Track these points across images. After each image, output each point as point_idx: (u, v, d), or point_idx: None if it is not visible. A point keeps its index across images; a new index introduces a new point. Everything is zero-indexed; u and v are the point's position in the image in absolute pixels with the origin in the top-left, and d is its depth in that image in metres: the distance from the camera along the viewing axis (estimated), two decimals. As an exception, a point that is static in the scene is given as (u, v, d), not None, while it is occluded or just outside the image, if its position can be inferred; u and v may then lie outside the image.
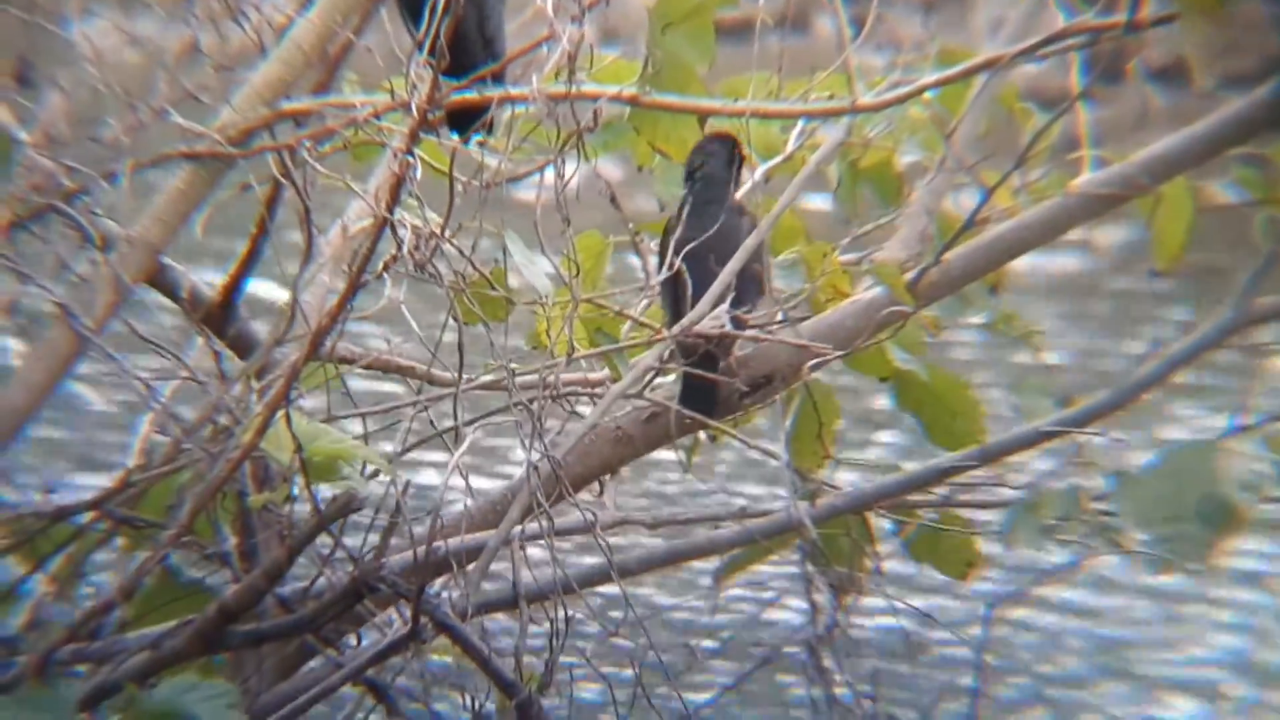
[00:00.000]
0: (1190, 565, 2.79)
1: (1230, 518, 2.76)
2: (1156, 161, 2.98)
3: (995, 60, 2.88)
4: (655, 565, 2.92)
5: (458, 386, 2.72)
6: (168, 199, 2.61)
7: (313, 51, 2.65)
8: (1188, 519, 2.76)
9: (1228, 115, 2.94)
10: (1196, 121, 2.96)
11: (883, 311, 2.93)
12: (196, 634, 2.58)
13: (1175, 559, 2.78)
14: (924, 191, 3.08)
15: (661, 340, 2.81)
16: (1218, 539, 2.77)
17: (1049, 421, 2.98)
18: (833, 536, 2.99)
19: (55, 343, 2.55)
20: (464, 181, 2.66)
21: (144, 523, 2.67)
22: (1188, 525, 2.76)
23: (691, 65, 2.88)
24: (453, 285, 2.65)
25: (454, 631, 2.66)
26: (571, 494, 2.77)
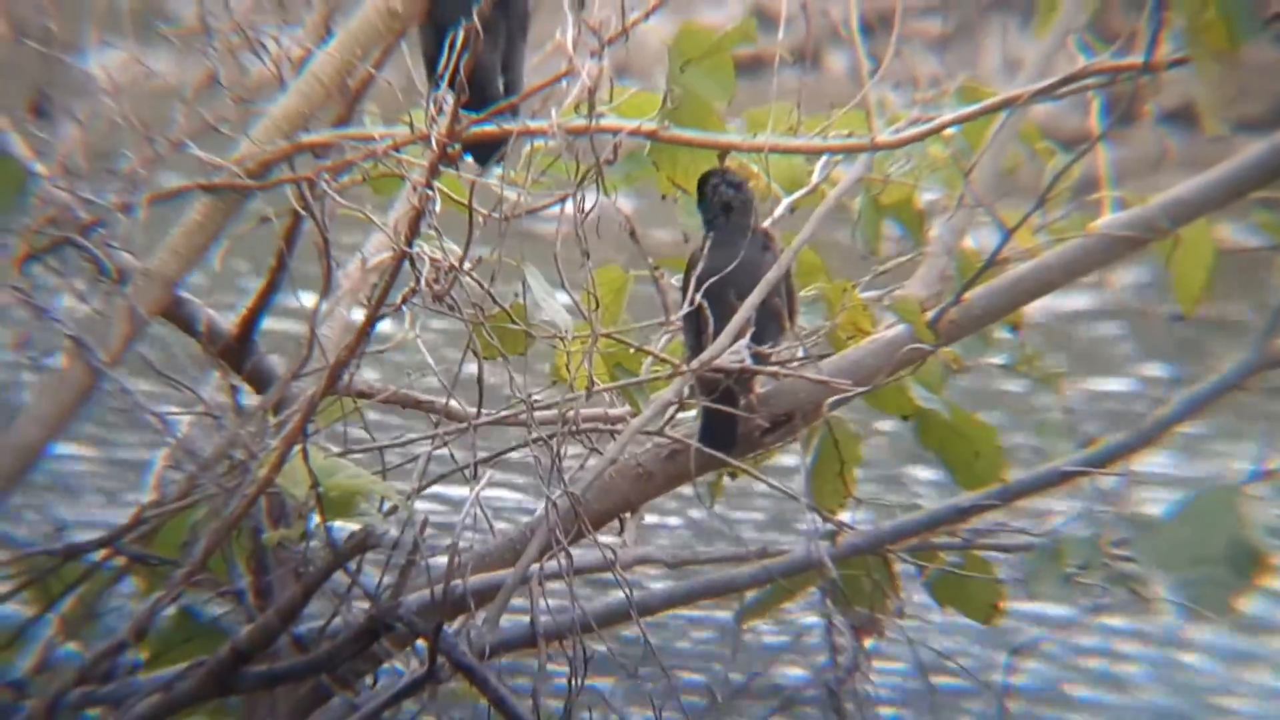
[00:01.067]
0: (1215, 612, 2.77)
1: (1256, 563, 2.75)
2: (1176, 204, 2.98)
3: (1014, 99, 2.89)
4: (676, 604, 2.89)
5: (474, 421, 2.70)
6: (184, 231, 2.60)
7: (332, 84, 2.65)
8: (1212, 564, 2.74)
9: (1248, 159, 2.93)
10: (1212, 165, 2.97)
11: (904, 349, 2.92)
12: (209, 675, 2.55)
13: (1199, 606, 2.75)
14: (944, 230, 3.08)
15: (681, 374, 2.80)
16: (1243, 585, 2.75)
17: (1070, 462, 2.97)
18: (854, 577, 2.96)
19: (69, 376, 2.53)
20: (484, 214, 2.66)
21: (157, 560, 2.64)
22: (1212, 570, 2.74)
23: (710, 101, 2.89)
24: (472, 318, 2.64)
25: (472, 672, 2.62)
26: (591, 531, 2.75)
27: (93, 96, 2.58)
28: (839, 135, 2.95)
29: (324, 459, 2.61)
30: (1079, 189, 3.11)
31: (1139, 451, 3.00)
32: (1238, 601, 2.74)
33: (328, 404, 2.65)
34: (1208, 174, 2.96)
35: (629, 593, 2.73)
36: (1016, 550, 2.99)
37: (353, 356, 2.58)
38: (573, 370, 2.76)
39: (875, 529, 2.95)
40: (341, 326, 2.84)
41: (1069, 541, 2.84)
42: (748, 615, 2.98)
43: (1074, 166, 3.01)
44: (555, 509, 2.68)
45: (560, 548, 2.67)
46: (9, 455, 2.51)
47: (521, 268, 2.71)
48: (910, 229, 3.12)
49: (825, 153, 3.02)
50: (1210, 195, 2.97)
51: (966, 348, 3.07)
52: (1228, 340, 2.76)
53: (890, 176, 3.08)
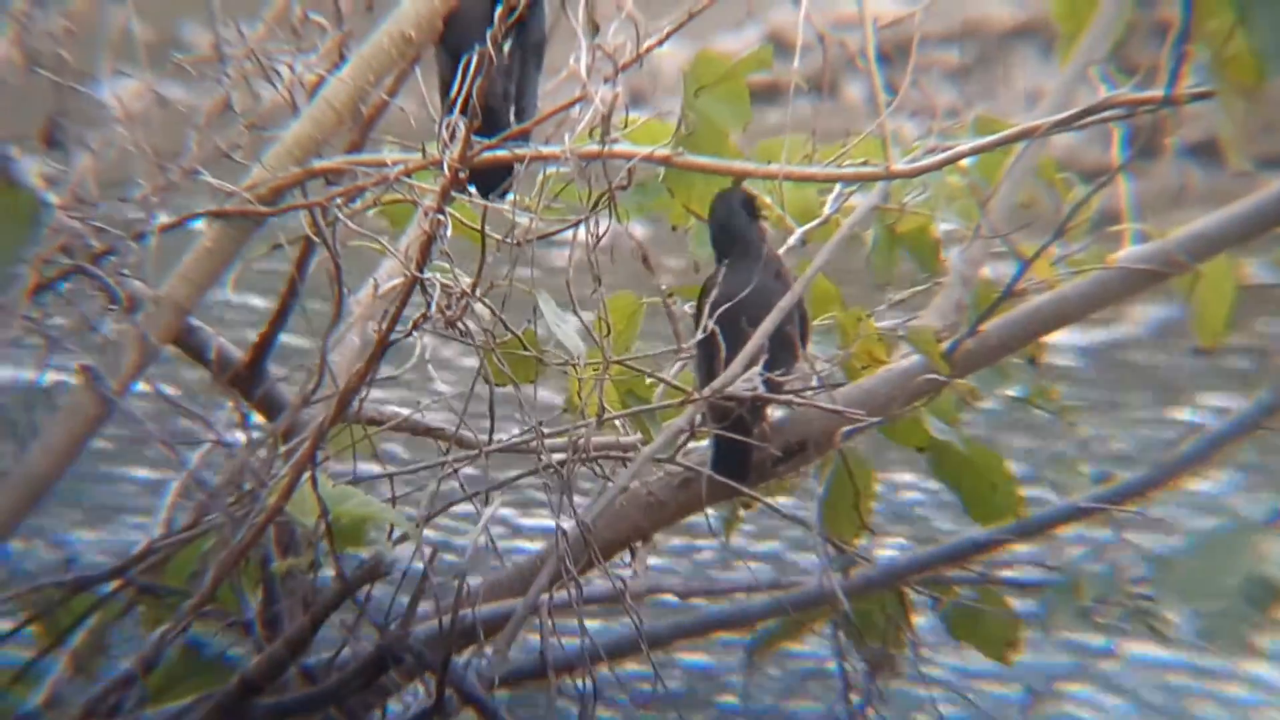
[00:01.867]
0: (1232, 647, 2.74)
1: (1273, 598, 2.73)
2: (1197, 239, 2.97)
3: (1033, 130, 2.87)
4: (686, 635, 2.88)
5: (485, 448, 2.70)
6: (196, 258, 2.60)
7: (345, 110, 2.66)
8: (1229, 598, 2.73)
9: (1272, 194, 2.91)
10: (1234, 199, 2.95)
11: (918, 380, 2.91)
12: (217, 709, 2.54)
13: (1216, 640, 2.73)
14: (959, 260, 3.07)
15: (693, 402, 2.80)
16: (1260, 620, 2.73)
17: (1087, 498, 2.96)
18: (868, 611, 2.95)
19: (79, 406, 2.53)
20: (496, 240, 2.66)
21: (166, 591, 2.64)
22: (1230, 604, 2.72)
23: (725, 128, 2.89)
24: (483, 345, 2.63)
25: (480, 704, 2.62)
26: (601, 561, 2.74)
27: (105, 125, 2.59)
28: (854, 164, 2.95)
29: (333, 487, 2.61)
30: (1099, 222, 3.09)
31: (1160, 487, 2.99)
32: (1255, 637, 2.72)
33: (338, 431, 2.65)
34: (1230, 208, 2.94)
35: (639, 623, 2.71)
36: (1033, 586, 2.97)
37: (363, 383, 2.58)
38: (584, 397, 2.75)
39: (890, 561, 2.94)
40: (353, 353, 2.85)
41: (1087, 576, 2.83)
42: (759, 648, 2.97)
43: (1093, 198, 3.00)
44: (565, 537, 2.67)
45: (570, 577, 2.67)
46: (19, 486, 2.51)
47: (533, 294, 2.71)
48: (925, 259, 3.11)
49: (840, 181, 3.02)
50: (1232, 230, 2.95)
51: (983, 379, 3.05)
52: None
53: (906, 206, 3.07)
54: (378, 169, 2.64)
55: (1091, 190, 2.98)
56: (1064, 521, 3.00)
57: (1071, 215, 2.98)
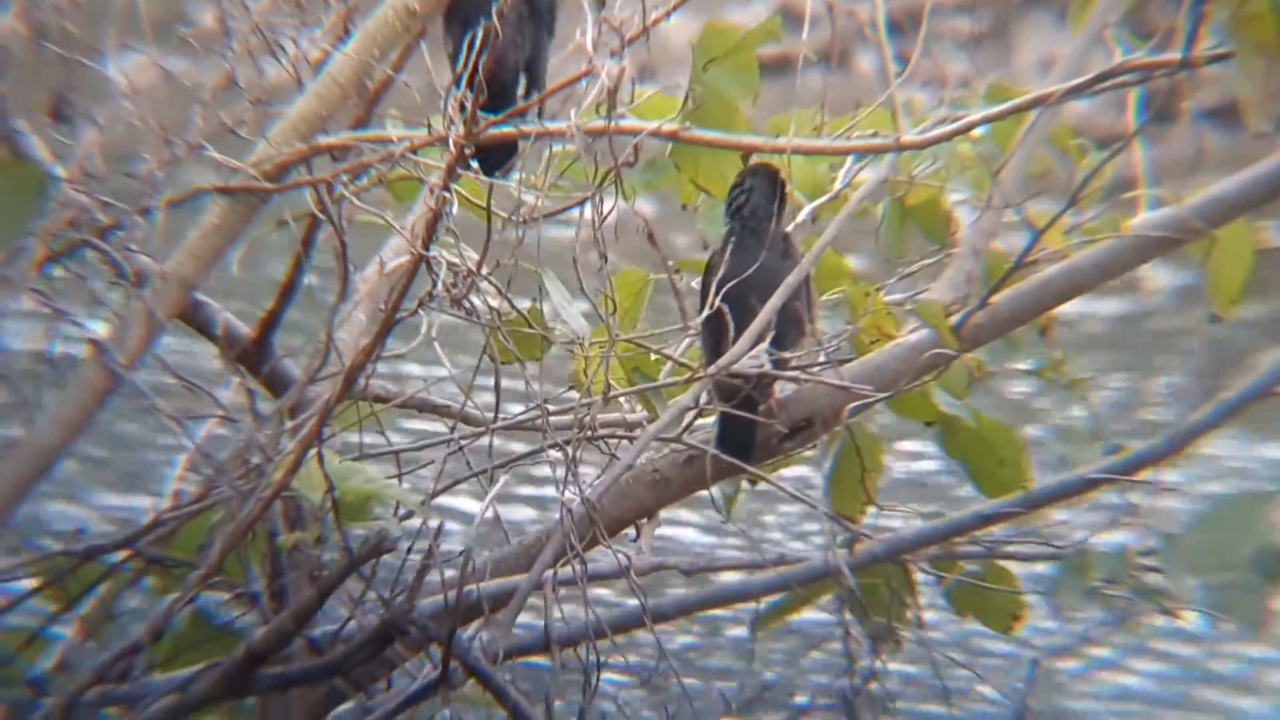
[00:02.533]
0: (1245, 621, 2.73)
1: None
2: (1213, 204, 2.92)
3: (1046, 97, 2.83)
4: (690, 610, 2.89)
5: (490, 425, 2.70)
6: (202, 234, 2.61)
7: (350, 86, 2.65)
8: (1239, 570, 2.71)
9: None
10: (1253, 164, 2.91)
11: (927, 354, 2.89)
12: (224, 677, 2.58)
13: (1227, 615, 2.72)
14: (971, 232, 3.04)
15: (699, 380, 2.79)
16: (1272, 593, 2.71)
17: (1096, 469, 2.94)
18: (872, 586, 2.95)
19: (88, 379, 2.56)
20: (502, 217, 2.65)
21: (174, 562, 2.67)
22: (1240, 577, 2.71)
23: (734, 101, 2.86)
24: (489, 323, 2.63)
25: (484, 677, 2.64)
26: (605, 538, 2.75)
27: (112, 100, 2.59)
28: (864, 136, 2.92)
29: (340, 463, 2.63)
30: (1115, 189, 3.05)
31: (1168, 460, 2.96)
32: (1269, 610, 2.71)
33: (344, 408, 2.66)
34: (1247, 172, 2.89)
35: (643, 599, 2.73)
36: (1040, 560, 2.96)
37: (369, 360, 2.59)
38: (590, 375, 2.75)
39: (895, 536, 2.93)
40: (359, 330, 2.86)
41: (1095, 553, 2.81)
42: (763, 623, 2.98)
43: (1107, 166, 2.96)
44: (570, 515, 2.68)
45: (575, 554, 2.68)
46: (28, 457, 2.54)
47: (539, 272, 2.70)
48: (935, 231, 3.08)
49: (850, 154, 2.99)
50: (1249, 194, 2.90)
51: (993, 352, 3.03)
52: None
53: (916, 178, 3.04)
54: (383, 145, 2.64)
55: (1106, 157, 2.94)
56: (1072, 495, 2.97)
57: (1085, 183, 2.94)
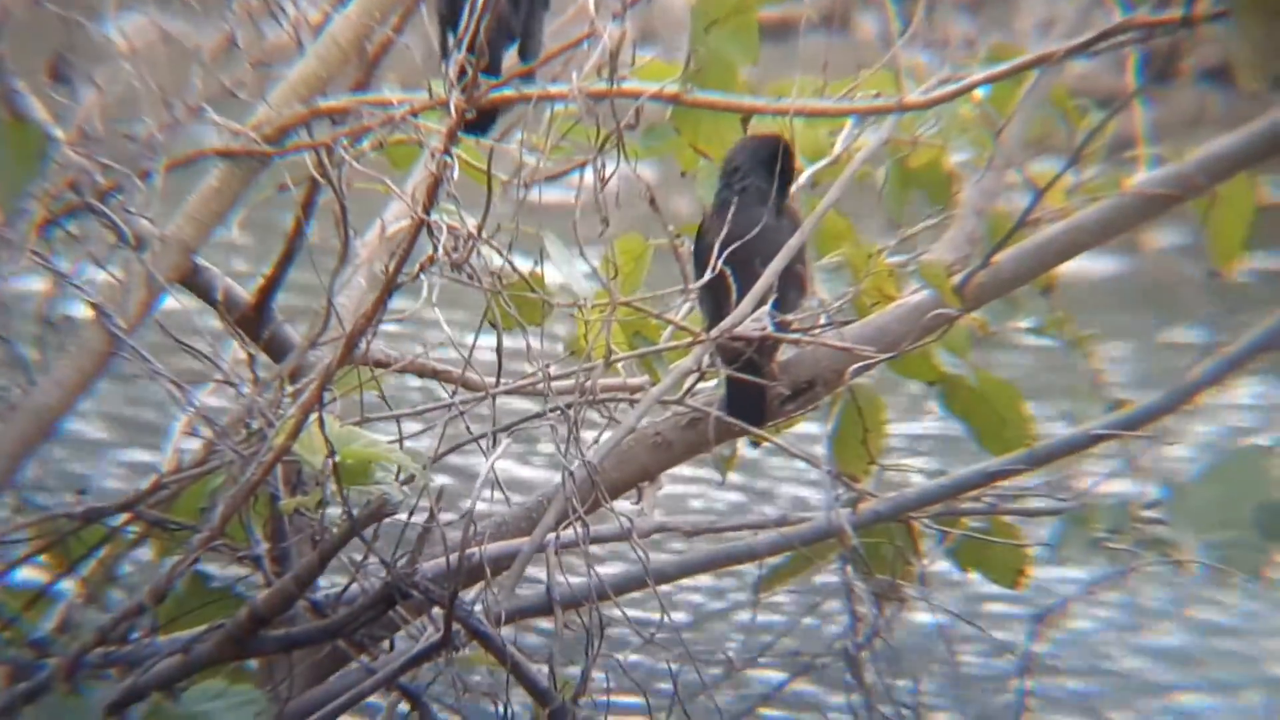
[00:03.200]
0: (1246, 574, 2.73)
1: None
2: (1214, 161, 2.90)
3: (1046, 57, 2.80)
4: (693, 571, 2.88)
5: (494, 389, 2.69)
6: (202, 197, 2.59)
7: (350, 48, 2.63)
8: (1242, 525, 2.71)
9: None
10: (1252, 121, 2.89)
11: (929, 314, 2.88)
12: (227, 639, 2.57)
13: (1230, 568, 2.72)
14: (973, 192, 3.02)
15: (700, 343, 2.78)
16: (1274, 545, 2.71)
17: (1099, 425, 2.92)
18: (876, 544, 2.94)
19: (88, 342, 2.55)
20: (503, 181, 2.63)
21: (176, 525, 2.67)
22: (1242, 532, 2.70)
23: (734, 64, 2.84)
24: (489, 287, 2.62)
25: (487, 638, 2.63)
26: (607, 500, 2.74)
27: (111, 61, 2.57)
28: (866, 97, 2.90)
29: (340, 427, 2.62)
30: (1115, 148, 3.03)
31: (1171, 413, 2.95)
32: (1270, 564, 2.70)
33: (345, 373, 2.65)
34: (1246, 129, 2.86)
35: (645, 560, 2.72)
36: (1044, 515, 2.95)
37: (370, 325, 2.58)
38: (591, 339, 2.74)
39: (898, 495, 2.92)
40: (359, 295, 2.84)
41: (1098, 506, 2.80)
42: (767, 583, 2.97)
43: (1108, 125, 2.94)
44: (573, 478, 2.67)
45: (577, 516, 2.67)
46: (29, 420, 2.53)
47: (540, 236, 2.69)
48: (937, 192, 3.06)
49: (852, 115, 2.97)
50: (1249, 151, 2.87)
51: (995, 312, 3.02)
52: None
53: (918, 139, 3.01)
54: (383, 109, 2.62)
55: (1106, 116, 2.92)
56: (1075, 451, 2.96)
57: (1086, 142, 2.92)
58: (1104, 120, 2.95)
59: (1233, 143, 2.91)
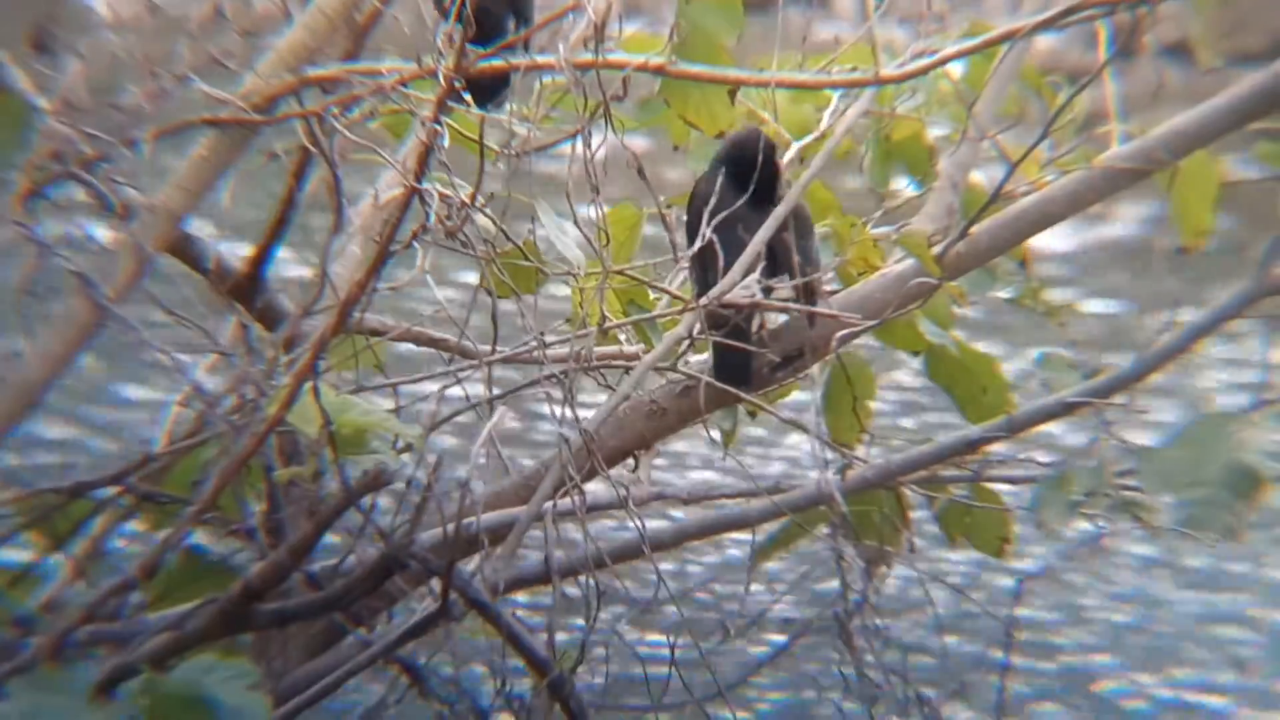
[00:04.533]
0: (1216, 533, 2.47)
1: (1254, 484, 2.45)
2: (1176, 136, 2.67)
3: (1014, 32, 2.56)
4: (688, 538, 2.57)
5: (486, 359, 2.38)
6: (190, 166, 2.26)
7: (337, 17, 2.30)
8: (1212, 485, 2.45)
9: (1247, 89, 2.62)
10: (1211, 97, 2.65)
11: (911, 283, 2.60)
12: (220, 614, 2.23)
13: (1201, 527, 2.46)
14: (950, 164, 2.76)
15: (690, 310, 2.47)
16: (1243, 506, 2.45)
17: (1074, 393, 2.66)
18: (865, 511, 2.65)
19: (73, 313, 2.20)
20: (495, 150, 2.33)
21: (167, 498, 2.31)
22: (1212, 491, 2.44)
23: (719, 36, 2.55)
24: (483, 255, 2.30)
25: (485, 608, 2.31)
26: (604, 468, 2.42)
27: (95, 31, 2.23)
28: (844, 71, 2.63)
29: (335, 396, 2.28)
30: (1088, 122, 2.80)
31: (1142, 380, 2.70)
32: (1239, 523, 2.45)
33: (340, 342, 2.31)
34: (1207, 104, 2.65)
35: (642, 528, 2.40)
36: (1025, 481, 2.69)
37: (364, 294, 2.25)
38: (585, 307, 2.42)
39: (885, 462, 2.64)
40: (353, 264, 2.50)
41: (1075, 470, 2.55)
42: (763, 551, 2.67)
43: (1077, 99, 2.70)
44: (569, 446, 2.35)
45: (574, 484, 2.35)
46: (13, 392, 2.18)
47: (533, 204, 2.37)
48: (918, 165, 2.79)
49: (830, 87, 2.70)
50: (1210, 126, 2.65)
51: (973, 281, 2.75)
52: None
53: (896, 112, 2.74)
54: (373, 78, 2.29)
55: (1074, 91, 2.68)
56: (1053, 418, 2.70)
57: (1056, 116, 2.69)
58: (1073, 94, 2.70)
59: (1193, 118, 2.68)
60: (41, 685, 2.06)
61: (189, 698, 2.11)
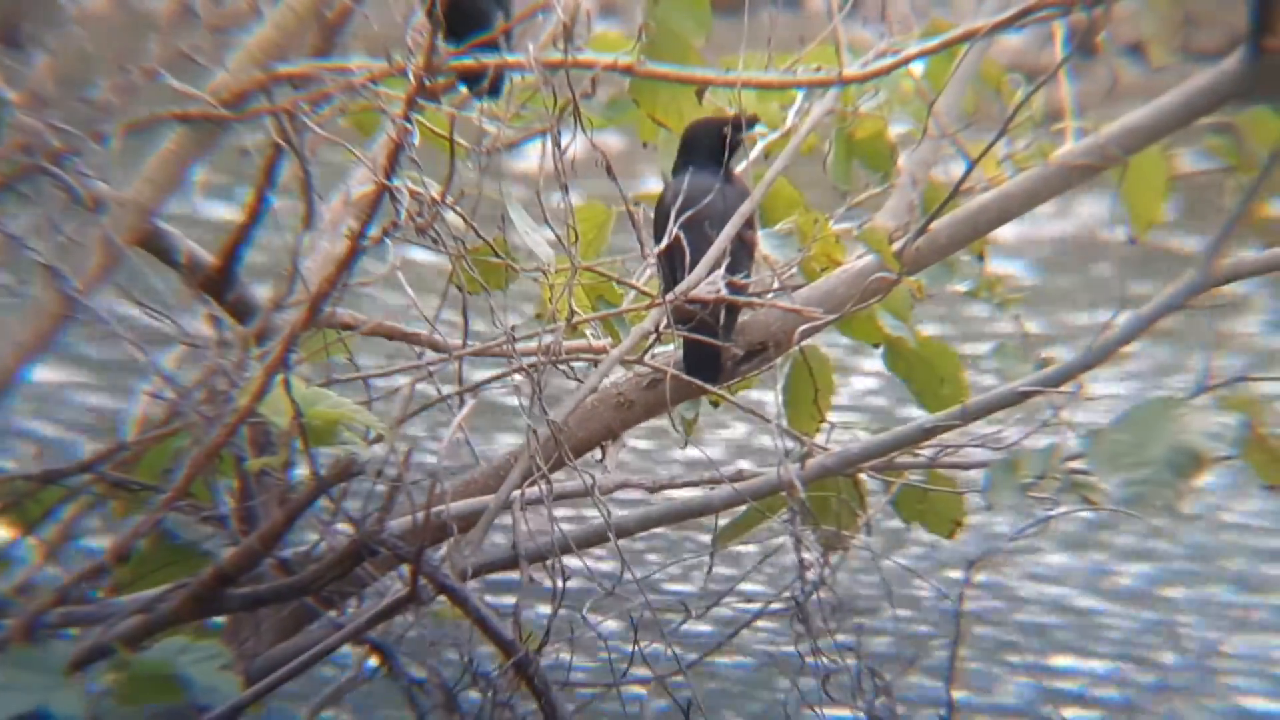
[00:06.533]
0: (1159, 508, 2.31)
1: (1195, 463, 2.29)
2: (1128, 133, 2.50)
3: (973, 32, 2.38)
4: (652, 524, 2.37)
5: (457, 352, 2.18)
6: (159, 160, 2.04)
7: (307, 14, 2.08)
8: (1155, 464, 2.28)
9: (1196, 86, 2.45)
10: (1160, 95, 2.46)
11: (872, 278, 2.40)
12: (191, 597, 2.04)
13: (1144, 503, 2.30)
14: (911, 162, 2.56)
15: (658, 305, 2.27)
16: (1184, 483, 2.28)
17: (1025, 382, 2.48)
18: (824, 497, 2.46)
19: (43, 304, 1.98)
20: (466, 147, 2.12)
21: (139, 486, 2.11)
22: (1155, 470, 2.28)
23: (687, 37, 2.33)
24: (454, 251, 2.10)
25: (454, 592, 2.12)
26: (570, 458, 2.22)
27: (64, 25, 2.00)
28: (810, 70, 2.42)
29: (307, 389, 2.07)
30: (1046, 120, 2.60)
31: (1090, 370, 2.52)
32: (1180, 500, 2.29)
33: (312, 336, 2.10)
34: (1157, 101, 2.48)
35: (607, 515, 2.20)
36: (978, 467, 2.50)
37: (334, 288, 2.04)
38: (554, 302, 2.22)
39: (843, 450, 2.45)
40: (325, 260, 2.29)
41: (1026, 454, 2.38)
42: (725, 536, 2.47)
43: (1034, 98, 2.51)
44: (537, 436, 2.15)
45: (541, 474, 2.15)
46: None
47: (503, 202, 2.16)
48: (880, 162, 2.58)
49: (796, 86, 2.49)
50: (1160, 122, 2.47)
51: (933, 275, 2.55)
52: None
53: (861, 112, 2.53)
54: (343, 75, 2.07)
55: (1031, 89, 2.50)
56: (1006, 406, 2.52)
57: (1014, 114, 2.50)
58: (1030, 93, 2.52)
59: (1144, 115, 2.50)
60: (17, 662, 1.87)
61: (161, 676, 1.94)
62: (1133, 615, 3.58)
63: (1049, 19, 2.39)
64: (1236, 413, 2.34)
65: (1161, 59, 2.34)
